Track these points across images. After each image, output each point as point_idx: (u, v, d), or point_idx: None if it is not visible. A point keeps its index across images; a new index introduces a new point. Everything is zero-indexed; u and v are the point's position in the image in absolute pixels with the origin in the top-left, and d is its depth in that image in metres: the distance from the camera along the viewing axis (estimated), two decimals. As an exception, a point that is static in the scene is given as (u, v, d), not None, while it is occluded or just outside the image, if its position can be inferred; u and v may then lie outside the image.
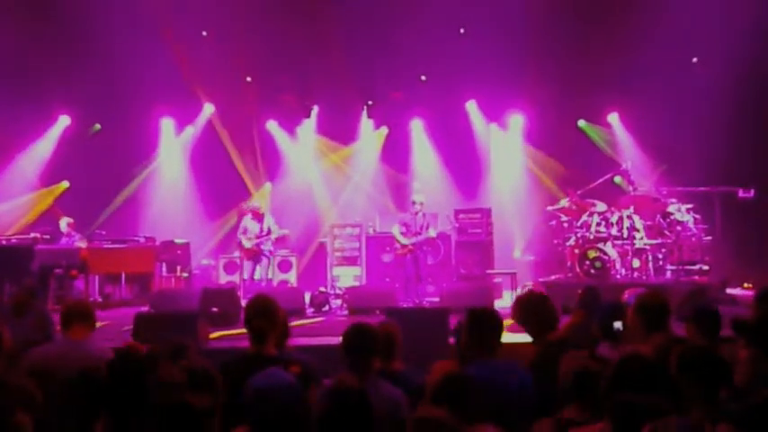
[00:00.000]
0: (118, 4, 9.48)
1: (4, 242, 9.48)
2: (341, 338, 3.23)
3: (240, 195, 11.79)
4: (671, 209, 9.09)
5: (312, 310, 8.74)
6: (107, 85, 11.12)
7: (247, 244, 9.55)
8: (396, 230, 9.28)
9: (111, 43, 10.18)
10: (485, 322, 3.33)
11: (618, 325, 3.58)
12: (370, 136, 12.86)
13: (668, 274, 9.00)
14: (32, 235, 9.75)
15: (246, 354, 3.39)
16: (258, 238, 9.52)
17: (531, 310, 3.75)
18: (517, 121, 12.41)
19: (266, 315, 3.37)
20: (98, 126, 12.37)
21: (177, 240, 10.83)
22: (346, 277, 10.51)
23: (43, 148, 11.96)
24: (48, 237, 9.83)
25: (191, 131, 12.68)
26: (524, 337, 6.41)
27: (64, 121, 12.10)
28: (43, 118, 11.83)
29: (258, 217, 9.70)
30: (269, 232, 9.60)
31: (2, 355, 3.10)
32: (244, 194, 11.97)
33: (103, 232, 10.77)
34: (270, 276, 10.24)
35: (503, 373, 3.19)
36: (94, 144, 12.16)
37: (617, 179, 10.19)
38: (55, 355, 3.51)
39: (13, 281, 8.14)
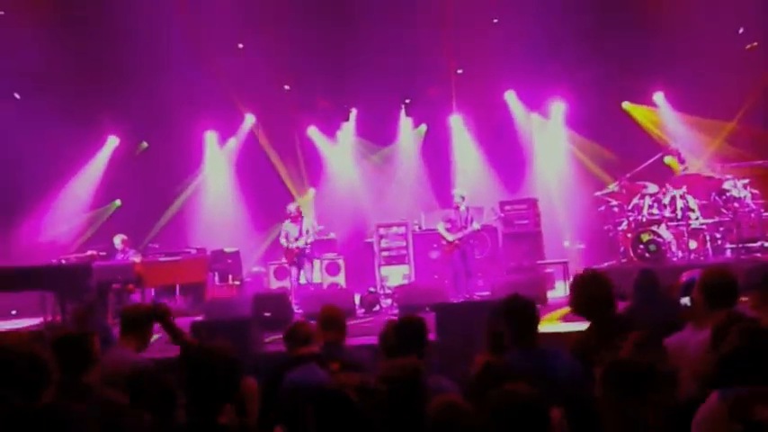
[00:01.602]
0: (156, 23, 9.69)
1: (63, 262, 9.83)
2: (392, 330, 3.26)
3: (285, 202, 11.93)
4: (726, 185, 8.76)
5: (363, 310, 8.76)
6: (151, 103, 11.43)
7: (286, 245, 9.60)
8: (440, 227, 9.22)
9: (152, 62, 10.45)
10: (519, 311, 3.28)
11: (685, 300, 3.47)
12: (410, 134, 12.83)
13: (728, 253, 8.67)
14: (89, 253, 10.08)
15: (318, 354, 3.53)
16: (296, 240, 9.53)
17: (584, 288, 3.63)
18: (558, 107, 12.18)
19: (336, 325, 3.57)
20: (145, 144, 12.74)
21: (227, 249, 11.03)
22: (395, 276, 10.49)
23: (95, 168, 12.38)
24: (104, 254, 10.14)
25: (234, 143, 12.92)
26: (575, 326, 6.31)
27: (113, 141, 12.51)
28: (93, 140, 12.25)
29: (296, 220, 9.71)
30: (307, 233, 9.60)
31: (95, 365, 3.21)
32: (288, 201, 12.11)
33: (156, 246, 11.07)
34: (316, 280, 10.27)
35: (545, 360, 3.15)
36: (143, 161, 12.54)
37: (667, 159, 9.89)
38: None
39: (73, 298, 8.43)
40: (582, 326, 6.21)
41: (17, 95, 11.09)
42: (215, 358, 2.56)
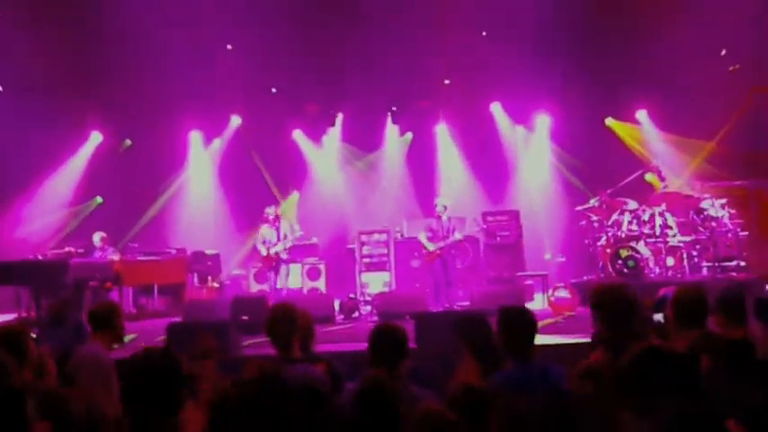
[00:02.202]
0: (145, 20, 9.64)
1: (40, 258, 9.70)
2: (368, 339, 3.23)
3: (268, 205, 11.92)
4: (704, 204, 8.90)
5: (342, 316, 8.74)
6: (136, 101, 11.36)
7: (263, 251, 9.47)
8: (422, 236, 9.23)
9: (138, 59, 10.38)
10: (519, 321, 3.22)
11: (659, 317, 3.50)
12: (396, 142, 12.87)
13: (704, 271, 8.80)
14: (67, 249, 9.96)
15: (273, 359, 3.43)
16: (274, 245, 9.42)
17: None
18: (543, 121, 12.31)
19: (286, 321, 3.43)
20: (128, 142, 12.63)
21: (208, 251, 10.96)
22: (375, 283, 10.49)
23: (76, 164, 12.24)
24: (82, 251, 10.03)
25: (218, 144, 12.86)
26: (559, 339, 6.37)
27: (96, 137, 12.38)
28: (75, 135, 12.12)
29: (274, 224, 9.55)
30: (285, 238, 9.50)
31: (29, 364, 3.18)
32: (271, 204, 12.08)
33: (136, 245, 10.96)
34: (296, 284, 10.19)
35: (539, 374, 3.09)
36: (125, 159, 12.43)
37: (648, 176, 10.01)
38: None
39: (49, 294, 8.33)
40: (559, 340, 6.30)
41: None
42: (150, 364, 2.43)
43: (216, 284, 10.66)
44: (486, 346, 3.20)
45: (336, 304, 8.88)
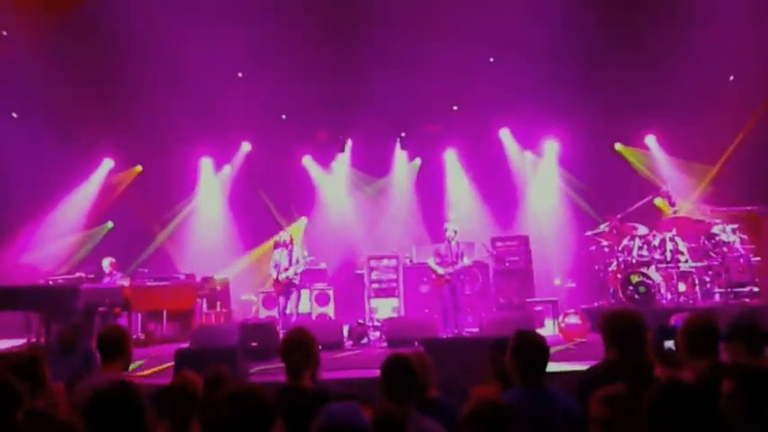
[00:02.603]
0: (156, 48, 9.80)
1: (50, 283, 9.74)
2: (380, 369, 3.20)
3: (277, 231, 11.96)
4: (715, 230, 8.85)
5: (351, 342, 8.69)
6: (148, 127, 11.50)
7: (275, 275, 9.40)
8: (431, 261, 9.21)
9: (151, 87, 10.52)
10: (532, 346, 3.19)
11: (669, 344, 3.45)
12: (404, 167, 12.93)
13: (716, 297, 8.71)
14: (77, 275, 10.00)
15: (283, 387, 3.39)
16: (286, 270, 9.38)
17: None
18: (552, 147, 12.34)
19: (302, 348, 3.38)
20: (139, 167, 12.76)
21: (217, 277, 10.97)
22: (384, 309, 10.44)
23: (88, 190, 12.36)
24: (92, 276, 10.07)
25: (228, 170, 12.96)
26: (564, 366, 6.30)
27: (108, 163, 12.52)
28: (87, 161, 12.26)
29: (287, 248, 9.49)
30: (297, 263, 9.47)
31: (44, 391, 3.15)
32: (280, 230, 12.12)
33: (145, 270, 10.99)
34: (305, 309, 10.14)
35: (548, 400, 3.06)
36: (136, 185, 12.55)
37: (657, 201, 9.98)
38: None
39: (59, 320, 8.34)
40: (570, 366, 6.22)
41: (15, 115, 11.12)
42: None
43: (224, 310, 10.64)
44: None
45: (345, 330, 8.83)
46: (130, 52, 9.95)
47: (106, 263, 10.00)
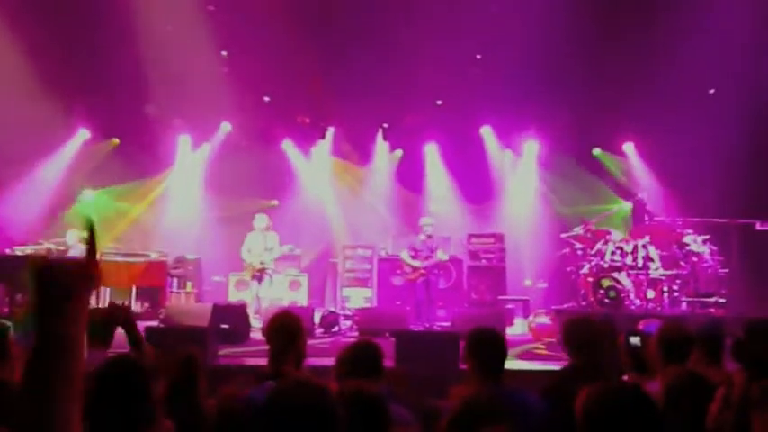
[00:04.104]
0: (140, 21, 9.61)
1: (17, 253, 9.53)
2: (346, 352, 3.19)
3: (252, 213, 11.85)
4: (687, 239, 9.00)
5: (321, 330, 8.67)
6: (127, 101, 11.25)
7: (249, 260, 9.37)
8: (404, 255, 9.19)
9: (133, 60, 10.31)
10: (488, 343, 3.17)
11: (635, 340, 3.50)
12: (385, 158, 12.90)
13: (683, 305, 8.87)
14: (45, 245, 9.79)
15: (264, 372, 3.32)
16: (261, 255, 9.31)
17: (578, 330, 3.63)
18: (531, 147, 12.42)
19: (288, 333, 3.32)
20: (116, 140, 12.50)
21: (189, 256, 10.84)
22: (357, 298, 10.44)
23: (62, 159, 12.08)
24: (62, 249, 9.87)
25: (207, 148, 12.78)
26: (532, 365, 6.37)
27: (83, 134, 12.25)
28: (62, 131, 11.96)
29: (263, 234, 9.48)
30: (271, 250, 9.40)
31: (8, 363, 3.07)
32: (255, 212, 12.01)
33: (116, 246, 10.81)
34: (277, 295, 10.09)
35: (513, 397, 3.03)
36: (112, 158, 12.29)
37: (624, 209, 10.12)
38: None
39: (22, 291, 8.18)
40: (537, 366, 6.30)
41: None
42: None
43: (194, 290, 10.53)
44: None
45: (317, 317, 8.81)
46: (114, 24, 9.74)
47: (72, 235, 9.77)
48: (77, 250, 9.66)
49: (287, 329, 3.34)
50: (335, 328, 8.79)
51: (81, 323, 1.21)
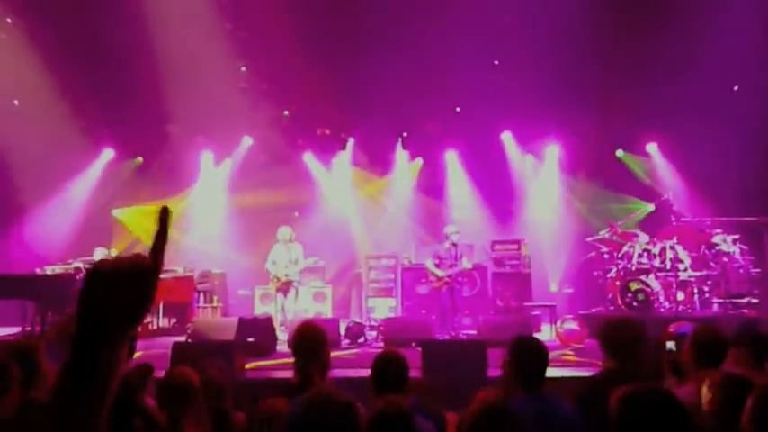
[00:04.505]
0: (160, 40, 9.77)
1: (47, 272, 9.69)
2: (373, 366, 3.18)
3: (276, 226, 11.92)
4: (716, 239, 8.83)
5: (347, 341, 8.66)
6: (150, 119, 11.45)
7: (274, 272, 9.34)
8: (429, 263, 9.16)
9: (154, 79, 10.47)
10: (530, 352, 3.14)
11: (671, 345, 3.43)
12: (406, 167, 12.90)
13: (715, 307, 8.69)
14: (74, 264, 9.94)
15: (292, 384, 3.33)
16: (286, 267, 9.33)
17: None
18: (553, 151, 12.32)
19: (312, 344, 3.33)
20: (140, 159, 12.71)
21: (214, 271, 10.93)
22: (381, 308, 10.42)
23: (88, 180, 12.32)
24: (89, 266, 10.01)
25: (229, 163, 12.92)
26: (567, 372, 6.28)
27: (108, 154, 12.47)
28: (88, 151, 12.20)
29: (287, 246, 9.41)
30: (296, 262, 9.40)
31: (40, 381, 3.11)
32: (280, 225, 12.07)
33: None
34: (302, 307, 10.08)
35: (550, 407, 3.02)
36: (137, 176, 12.50)
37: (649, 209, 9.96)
38: None
39: (54, 309, 8.31)
40: (567, 373, 6.21)
41: (16, 102, 11.06)
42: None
43: (221, 304, 10.61)
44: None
45: (342, 328, 8.80)
46: (134, 43, 9.90)
47: (98, 253, 9.90)
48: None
49: (311, 341, 3.35)
50: (361, 339, 8.77)
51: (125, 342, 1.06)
